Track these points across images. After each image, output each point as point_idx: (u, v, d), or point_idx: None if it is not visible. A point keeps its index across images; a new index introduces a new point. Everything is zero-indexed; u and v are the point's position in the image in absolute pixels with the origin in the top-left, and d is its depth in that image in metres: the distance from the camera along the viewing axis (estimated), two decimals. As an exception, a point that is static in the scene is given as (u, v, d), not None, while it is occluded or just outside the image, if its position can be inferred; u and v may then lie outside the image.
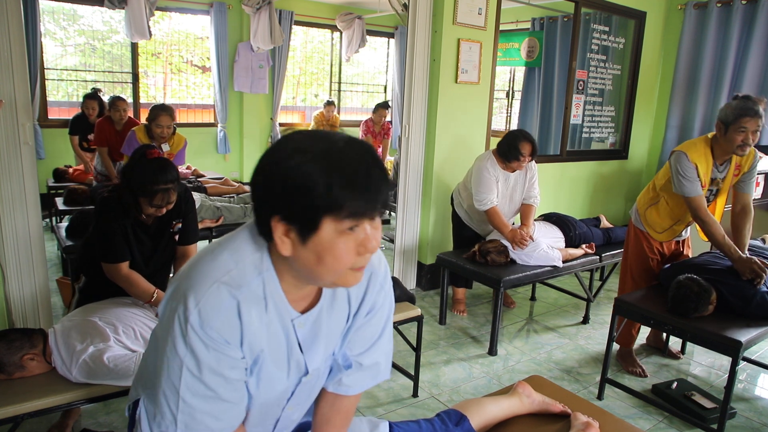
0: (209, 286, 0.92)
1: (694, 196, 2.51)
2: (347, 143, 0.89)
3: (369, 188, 0.87)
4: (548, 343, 3.24)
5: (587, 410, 1.69)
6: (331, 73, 8.02)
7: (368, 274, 1.11)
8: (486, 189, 3.21)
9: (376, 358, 1.18)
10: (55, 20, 5.95)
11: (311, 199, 0.85)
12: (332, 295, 1.07)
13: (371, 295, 1.12)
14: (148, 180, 1.93)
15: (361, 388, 1.19)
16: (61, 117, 5.74)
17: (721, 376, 2.92)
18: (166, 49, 6.87)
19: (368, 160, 0.88)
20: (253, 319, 0.96)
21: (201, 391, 0.95)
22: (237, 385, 0.99)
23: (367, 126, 5.84)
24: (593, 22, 4.69)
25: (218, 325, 0.92)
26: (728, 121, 2.44)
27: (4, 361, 1.72)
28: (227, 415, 0.99)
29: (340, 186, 0.85)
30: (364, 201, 0.87)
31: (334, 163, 0.86)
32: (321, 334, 1.07)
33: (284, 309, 1.00)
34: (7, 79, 2.36)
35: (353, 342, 1.15)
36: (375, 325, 1.16)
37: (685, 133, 5.04)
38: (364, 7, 7.27)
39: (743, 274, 2.41)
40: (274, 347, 1.02)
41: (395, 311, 2.46)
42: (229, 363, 0.95)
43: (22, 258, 2.54)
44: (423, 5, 3.52)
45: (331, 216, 0.86)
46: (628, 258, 2.94)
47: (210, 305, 0.91)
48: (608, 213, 5.10)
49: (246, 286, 0.94)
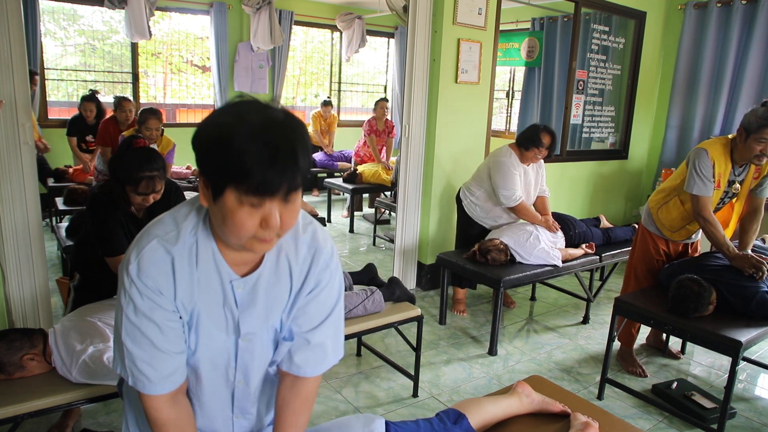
0: (149, 242, 1.03)
1: (702, 195, 2.51)
2: (277, 121, 0.92)
3: (274, 166, 0.88)
4: (548, 343, 3.24)
5: (587, 410, 1.69)
6: (331, 73, 8.02)
7: (312, 251, 1.13)
8: (513, 185, 3.25)
9: (322, 338, 1.17)
10: (55, 20, 5.95)
11: (219, 164, 0.90)
12: (275, 266, 1.10)
13: (314, 272, 1.13)
14: (134, 168, 1.97)
15: (313, 371, 1.18)
16: (61, 117, 5.73)
17: (721, 376, 2.92)
18: (166, 49, 6.87)
19: (282, 139, 0.90)
20: (185, 275, 1.04)
21: (138, 338, 1.04)
22: (171, 335, 1.05)
23: (370, 125, 5.81)
24: (593, 22, 4.69)
25: (153, 275, 1.02)
26: (751, 129, 2.40)
27: (4, 361, 1.72)
28: (164, 365, 1.05)
29: (247, 159, 0.87)
30: (266, 179, 0.89)
31: (251, 136, 0.88)
32: (259, 300, 1.10)
33: (223, 270, 1.06)
34: (7, 79, 2.36)
35: (299, 319, 1.15)
36: (321, 303, 1.16)
37: (685, 133, 5.05)
38: (364, 7, 7.27)
39: (744, 270, 2.43)
40: (211, 304, 1.08)
41: (395, 311, 2.47)
42: (162, 313, 1.03)
43: (22, 258, 2.54)
44: (423, 5, 3.52)
45: (235, 185, 0.90)
46: (634, 258, 2.96)
47: (147, 258, 1.02)
48: (608, 213, 5.10)
49: (181, 244, 1.03)
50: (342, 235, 5.48)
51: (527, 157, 3.30)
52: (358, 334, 2.39)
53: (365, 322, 2.36)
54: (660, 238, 2.82)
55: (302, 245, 1.12)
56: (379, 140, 5.90)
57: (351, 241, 5.30)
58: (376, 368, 2.82)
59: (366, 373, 2.77)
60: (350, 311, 2.33)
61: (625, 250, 3.61)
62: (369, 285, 2.62)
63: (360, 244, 5.20)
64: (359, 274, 2.70)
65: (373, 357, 2.90)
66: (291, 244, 1.11)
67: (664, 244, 2.83)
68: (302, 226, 1.13)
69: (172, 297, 1.04)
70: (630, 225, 3.92)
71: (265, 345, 1.16)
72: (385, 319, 2.41)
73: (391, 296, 2.54)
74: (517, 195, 3.26)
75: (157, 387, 1.06)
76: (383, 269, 4.08)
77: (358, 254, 4.86)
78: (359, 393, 2.58)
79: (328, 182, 5.82)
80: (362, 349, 2.95)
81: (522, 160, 3.32)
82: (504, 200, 3.28)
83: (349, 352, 2.97)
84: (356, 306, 2.35)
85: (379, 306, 2.42)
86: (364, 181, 5.54)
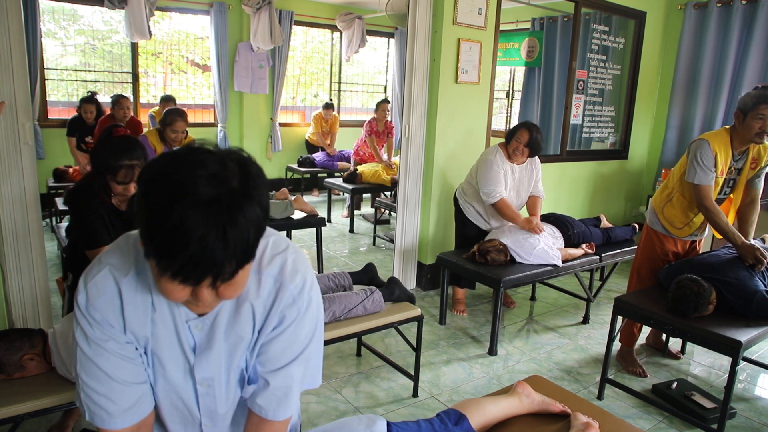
0: (99, 271, 0.96)
1: (704, 184, 2.55)
2: (212, 199, 0.76)
3: (194, 259, 0.76)
4: (548, 343, 3.24)
5: (587, 410, 1.69)
6: (331, 73, 8.02)
7: (277, 285, 1.00)
8: (494, 182, 3.24)
9: (286, 381, 1.04)
10: (55, 20, 5.95)
11: (141, 226, 0.81)
12: (234, 302, 1.00)
13: (278, 308, 1.01)
14: (112, 156, 1.94)
15: (276, 414, 1.05)
16: (61, 117, 5.74)
17: (721, 376, 2.92)
18: (167, 49, 6.87)
19: (211, 224, 0.76)
20: (138, 308, 0.97)
21: (93, 370, 0.97)
22: (127, 366, 0.98)
23: (370, 126, 5.82)
24: (593, 22, 4.69)
25: (100, 307, 0.95)
26: (747, 108, 2.49)
27: (3, 362, 1.72)
28: (123, 397, 0.98)
29: (154, 244, 0.78)
30: (182, 272, 0.78)
31: (164, 217, 0.76)
32: (217, 341, 1.01)
33: (179, 308, 0.98)
34: (7, 79, 2.36)
35: (262, 357, 1.04)
36: (286, 342, 1.03)
37: (685, 133, 5.04)
38: (364, 7, 7.27)
39: (746, 260, 2.46)
40: (166, 343, 1.00)
41: (395, 311, 2.46)
42: (115, 344, 0.97)
43: (22, 258, 2.54)
44: (423, 5, 3.52)
45: (159, 262, 0.80)
46: (638, 258, 2.97)
47: (96, 287, 0.95)
48: (608, 213, 5.10)
49: (132, 275, 0.96)
50: (342, 235, 5.48)
51: (512, 153, 3.29)
52: (358, 334, 2.39)
53: (365, 322, 2.35)
54: (666, 237, 2.83)
55: (266, 279, 1.00)
56: (379, 141, 5.91)
57: (351, 241, 5.30)
58: (376, 368, 2.82)
59: (366, 373, 2.76)
60: (350, 311, 2.33)
61: (626, 250, 3.61)
62: (369, 285, 2.61)
63: (360, 244, 5.20)
64: (359, 274, 2.70)
65: (373, 357, 2.90)
66: (253, 279, 0.99)
67: (671, 243, 2.84)
68: (269, 258, 1.00)
69: (121, 329, 0.97)
70: (630, 225, 3.92)
71: (231, 388, 1.07)
72: (385, 319, 2.41)
73: (391, 296, 2.54)
74: (497, 192, 3.23)
75: (117, 421, 0.98)
76: (383, 269, 4.08)
77: (358, 254, 4.86)
78: (359, 393, 2.58)
79: (328, 182, 5.82)
80: (362, 349, 2.95)
81: (509, 158, 3.32)
82: (484, 197, 3.28)
83: (349, 352, 2.97)
84: (356, 306, 2.35)
85: (378, 306, 2.42)
86: (364, 181, 5.55)
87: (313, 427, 2.26)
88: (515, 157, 3.31)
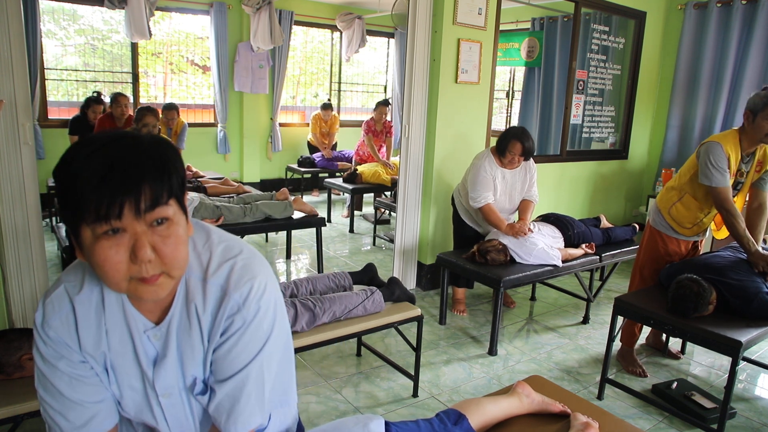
0: (56, 288, 0.97)
1: (722, 186, 2.52)
2: (119, 137, 0.83)
3: (108, 183, 0.79)
4: (548, 343, 3.24)
5: (587, 410, 1.69)
6: (331, 73, 8.01)
7: (221, 295, 0.97)
8: (481, 187, 3.22)
9: (233, 393, 1.00)
10: (55, 20, 5.95)
11: (60, 196, 0.83)
12: (184, 310, 0.98)
13: (222, 317, 0.97)
14: None
15: (227, 426, 1.02)
16: (61, 117, 5.74)
17: (721, 376, 2.92)
18: (167, 49, 6.87)
19: (121, 152, 0.81)
20: (91, 324, 0.97)
21: (48, 387, 0.98)
22: (81, 386, 0.98)
23: (368, 125, 5.83)
24: (593, 22, 4.69)
25: (55, 326, 0.96)
26: (757, 108, 2.48)
27: (3, 362, 1.72)
28: (75, 415, 0.99)
29: (78, 182, 0.79)
30: (100, 198, 0.79)
31: (86, 157, 0.80)
32: (171, 350, 0.99)
33: (134, 319, 0.97)
34: (7, 79, 2.37)
35: (213, 366, 1.02)
36: (232, 352, 0.99)
37: (686, 133, 5.05)
38: (364, 7, 7.27)
39: (756, 267, 2.46)
40: (123, 358, 0.99)
41: (395, 311, 2.47)
42: (68, 363, 0.97)
43: (22, 258, 2.54)
44: (423, 5, 3.52)
45: (81, 218, 0.81)
46: (641, 257, 2.96)
47: (51, 307, 0.96)
48: (608, 213, 5.10)
49: (86, 292, 0.96)
50: (342, 235, 5.48)
51: (507, 164, 3.26)
52: (358, 334, 2.39)
53: (365, 322, 2.36)
54: (671, 237, 2.82)
55: (212, 287, 0.97)
56: (377, 140, 5.92)
57: (351, 241, 5.30)
58: (376, 368, 2.82)
59: (366, 373, 2.76)
60: (350, 311, 2.33)
61: (626, 250, 3.61)
62: (369, 285, 2.62)
63: (360, 244, 5.20)
64: (359, 274, 2.70)
65: (373, 357, 2.90)
66: (198, 287, 0.97)
67: (675, 243, 2.83)
68: (216, 265, 0.98)
69: (77, 348, 0.97)
70: (630, 225, 3.92)
71: (192, 398, 1.04)
72: (385, 319, 2.41)
73: (391, 296, 2.54)
74: (482, 197, 3.21)
75: None
76: (383, 269, 4.08)
77: (358, 254, 4.86)
78: (359, 393, 2.58)
79: (328, 182, 5.82)
80: (362, 349, 2.95)
81: (501, 164, 3.28)
82: (471, 201, 3.27)
83: (349, 352, 2.97)
84: (356, 306, 2.35)
85: (378, 306, 2.42)
86: (364, 181, 5.55)
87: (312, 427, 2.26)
88: (510, 165, 3.28)
